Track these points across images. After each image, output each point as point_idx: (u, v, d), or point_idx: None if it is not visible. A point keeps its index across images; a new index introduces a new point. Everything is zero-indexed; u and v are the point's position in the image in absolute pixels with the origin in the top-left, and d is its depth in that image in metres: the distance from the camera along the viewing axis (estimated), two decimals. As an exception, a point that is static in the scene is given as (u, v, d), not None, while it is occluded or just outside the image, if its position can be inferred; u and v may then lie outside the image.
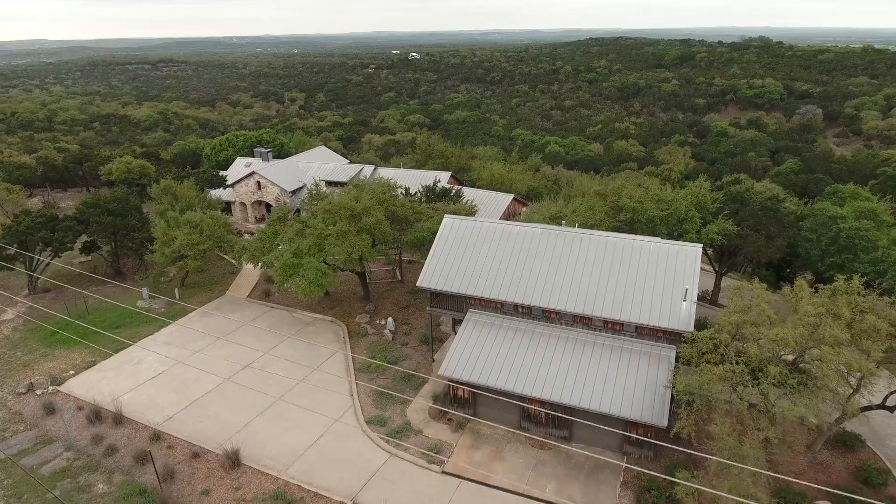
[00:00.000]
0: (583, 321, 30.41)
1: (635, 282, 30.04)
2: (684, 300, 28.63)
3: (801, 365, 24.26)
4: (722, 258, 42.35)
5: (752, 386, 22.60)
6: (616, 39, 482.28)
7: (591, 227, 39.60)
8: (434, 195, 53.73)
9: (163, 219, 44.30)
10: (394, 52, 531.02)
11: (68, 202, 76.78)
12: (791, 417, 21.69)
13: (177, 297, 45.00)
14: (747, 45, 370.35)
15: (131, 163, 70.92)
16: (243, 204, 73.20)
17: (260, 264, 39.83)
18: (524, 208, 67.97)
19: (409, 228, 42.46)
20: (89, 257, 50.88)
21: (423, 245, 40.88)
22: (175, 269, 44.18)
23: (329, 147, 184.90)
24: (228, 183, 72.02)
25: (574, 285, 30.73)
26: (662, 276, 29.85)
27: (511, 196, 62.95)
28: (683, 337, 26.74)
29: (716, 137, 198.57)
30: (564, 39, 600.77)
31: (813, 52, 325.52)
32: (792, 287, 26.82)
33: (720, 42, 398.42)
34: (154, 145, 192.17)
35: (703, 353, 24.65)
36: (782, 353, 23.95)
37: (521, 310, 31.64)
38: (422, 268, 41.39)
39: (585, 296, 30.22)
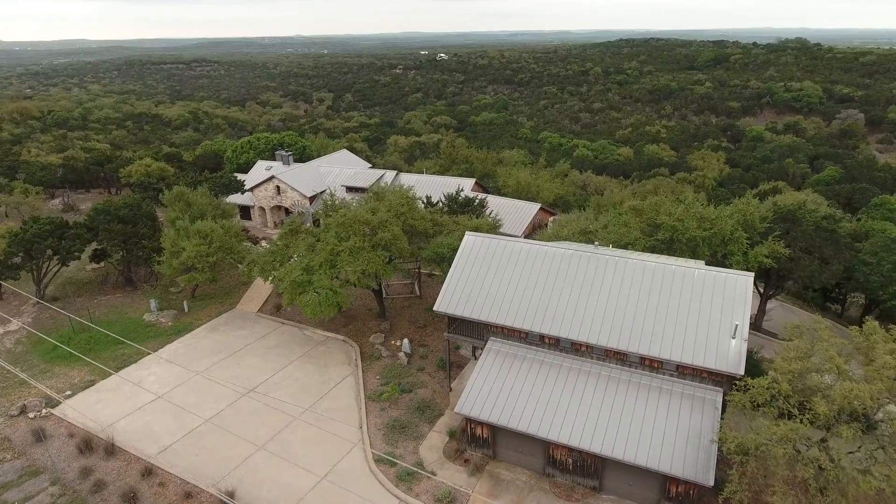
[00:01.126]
0: (617, 356, 27.35)
1: (677, 314, 26.87)
2: (734, 338, 25.37)
3: (875, 420, 20.91)
4: (769, 281, 38.74)
5: (820, 449, 19.33)
6: (647, 41, 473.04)
7: (625, 247, 36.46)
8: (457, 204, 51.02)
9: (172, 228, 42.39)
10: (422, 52, 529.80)
11: (88, 204, 76.03)
12: (868, 491, 18.40)
13: (185, 309, 43.11)
14: (784, 47, 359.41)
15: (150, 165, 69.78)
16: (262, 208, 71.60)
17: (270, 279, 37.54)
18: (551, 218, 64.89)
19: (429, 243, 39.81)
20: (101, 265, 49.39)
21: (443, 261, 38.23)
22: (183, 281, 42.24)
23: (355, 148, 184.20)
24: (248, 187, 70.45)
25: (608, 315, 27.68)
26: (708, 309, 26.62)
27: (538, 206, 60.00)
28: (735, 383, 23.49)
29: (751, 142, 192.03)
30: (594, 40, 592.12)
31: (854, 55, 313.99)
32: (843, 307, 23.42)
33: (755, 43, 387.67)
34: (182, 145, 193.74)
35: (757, 405, 21.44)
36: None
37: (547, 341, 28.71)
38: (442, 282, 38.81)
39: (620, 328, 27.15)
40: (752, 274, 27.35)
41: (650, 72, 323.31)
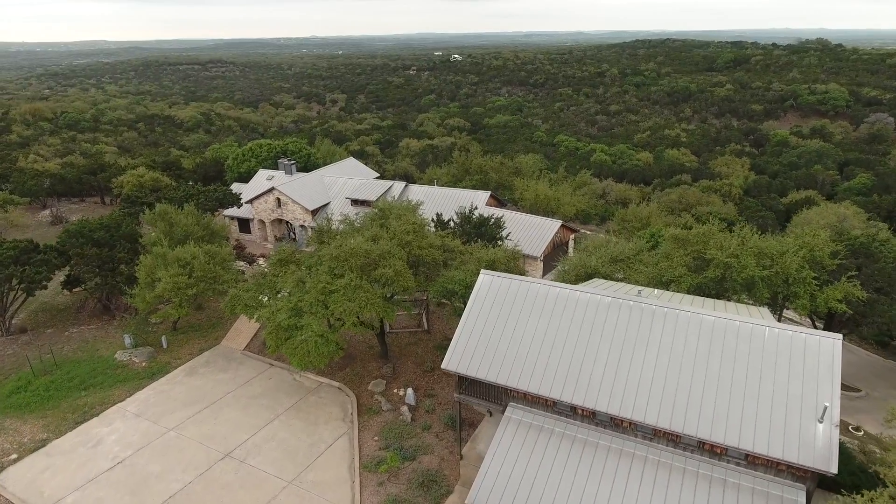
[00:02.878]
0: (668, 436, 22.08)
1: (745, 385, 21.52)
2: (821, 422, 20.02)
3: None
4: (831, 325, 33.22)
5: None
6: (664, 41, 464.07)
7: (668, 285, 31.19)
8: (470, 225, 45.90)
9: (150, 253, 37.54)
10: (436, 53, 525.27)
11: (80, 216, 71.84)
12: None
13: (164, 345, 38.35)
14: (805, 48, 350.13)
15: (143, 176, 65.37)
16: (262, 221, 67.10)
17: (255, 318, 32.64)
18: (573, 235, 59.70)
19: (438, 273, 34.78)
20: (81, 289, 44.85)
21: (454, 296, 33.18)
22: (156, 318, 37.24)
23: (366, 152, 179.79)
24: (247, 199, 65.99)
25: (656, 384, 22.39)
26: (785, 380, 21.26)
27: (559, 223, 54.73)
28: (838, 498, 18.13)
29: (775, 147, 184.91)
30: (609, 41, 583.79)
31: (880, 56, 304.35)
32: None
33: (774, 44, 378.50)
34: (191, 147, 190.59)
35: None
36: None
37: (581, 412, 23.52)
38: (453, 314, 33.97)
39: (672, 402, 21.85)
40: (841, 336, 21.90)
41: (668, 73, 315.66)
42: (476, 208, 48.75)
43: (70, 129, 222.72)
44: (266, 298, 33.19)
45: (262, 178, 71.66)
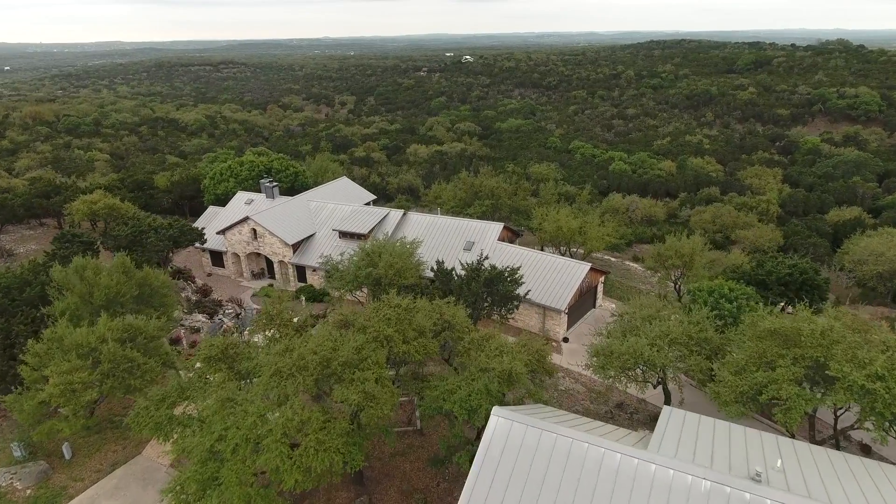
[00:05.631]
0: None
1: None
2: None
3: None
4: None
5: None
6: (679, 42, 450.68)
7: (772, 405, 21.05)
8: (479, 281, 35.91)
9: (41, 339, 27.63)
10: (447, 54, 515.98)
11: (32, 246, 62.61)
12: None
13: (67, 454, 28.60)
14: (828, 49, 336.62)
15: (97, 202, 55.79)
16: (237, 255, 57.58)
17: (171, 443, 22.77)
18: (602, 278, 49.71)
19: (431, 375, 24.89)
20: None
21: (453, 420, 23.27)
22: (38, 436, 26.90)
23: (372, 158, 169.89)
24: (219, 230, 56.57)
25: None
26: None
27: (587, 266, 44.86)
28: None
29: (807, 156, 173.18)
30: (622, 42, 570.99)
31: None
32: None
33: (794, 45, 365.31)
34: (192, 153, 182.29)
35: None
36: None
37: None
38: (453, 435, 24.34)
39: None
40: None
41: (686, 75, 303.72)
42: (487, 258, 38.79)
43: (69, 133, 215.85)
44: (191, 406, 23.46)
45: (241, 202, 62.35)
